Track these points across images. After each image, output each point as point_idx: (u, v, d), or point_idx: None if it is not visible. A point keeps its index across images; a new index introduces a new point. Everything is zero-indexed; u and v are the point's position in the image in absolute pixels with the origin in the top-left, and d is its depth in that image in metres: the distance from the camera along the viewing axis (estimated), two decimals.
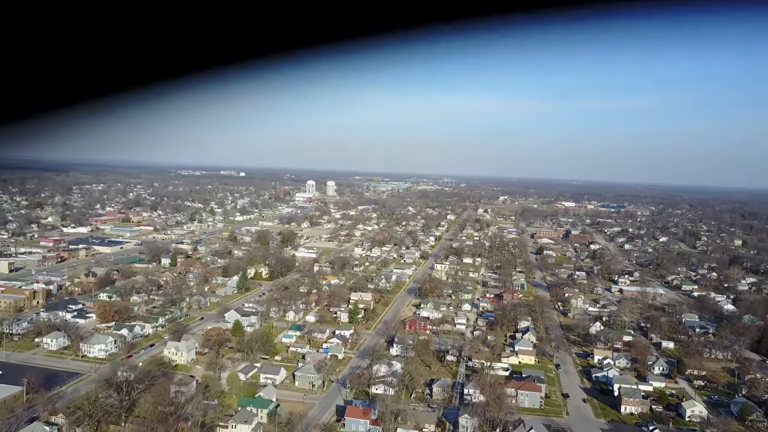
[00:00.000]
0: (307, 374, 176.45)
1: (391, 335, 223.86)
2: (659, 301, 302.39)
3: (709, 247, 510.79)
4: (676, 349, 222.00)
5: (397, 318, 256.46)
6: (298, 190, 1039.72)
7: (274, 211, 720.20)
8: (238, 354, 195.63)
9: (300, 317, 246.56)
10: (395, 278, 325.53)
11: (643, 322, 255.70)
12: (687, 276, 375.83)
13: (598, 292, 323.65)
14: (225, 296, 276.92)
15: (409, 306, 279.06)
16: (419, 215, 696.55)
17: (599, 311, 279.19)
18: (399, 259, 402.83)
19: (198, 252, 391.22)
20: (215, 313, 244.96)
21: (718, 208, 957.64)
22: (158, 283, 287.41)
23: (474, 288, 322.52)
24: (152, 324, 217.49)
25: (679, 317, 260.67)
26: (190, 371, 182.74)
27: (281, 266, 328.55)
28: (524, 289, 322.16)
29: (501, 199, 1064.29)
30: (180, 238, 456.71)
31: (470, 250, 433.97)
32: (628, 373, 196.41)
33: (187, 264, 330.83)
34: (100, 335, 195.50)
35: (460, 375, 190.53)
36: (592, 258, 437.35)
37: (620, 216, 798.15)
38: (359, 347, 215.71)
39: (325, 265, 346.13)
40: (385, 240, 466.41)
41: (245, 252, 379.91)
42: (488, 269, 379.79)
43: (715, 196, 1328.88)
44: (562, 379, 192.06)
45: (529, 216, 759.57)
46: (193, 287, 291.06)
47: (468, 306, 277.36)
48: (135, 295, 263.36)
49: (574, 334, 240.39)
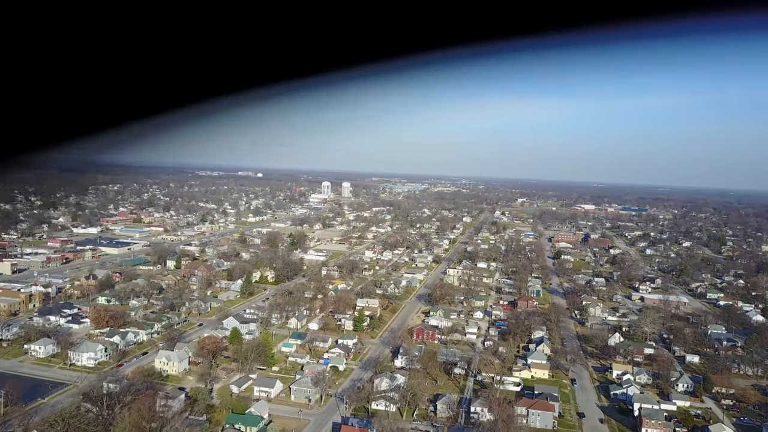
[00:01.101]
0: (303, 388, 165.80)
1: (396, 345, 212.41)
2: (683, 310, 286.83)
3: (735, 252, 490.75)
4: (702, 364, 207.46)
5: (405, 326, 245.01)
6: (313, 191, 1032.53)
7: (288, 213, 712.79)
8: (234, 364, 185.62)
9: (303, 324, 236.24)
10: (405, 283, 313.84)
11: (666, 333, 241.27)
12: (712, 283, 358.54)
13: (617, 299, 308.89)
14: (227, 301, 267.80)
15: (418, 313, 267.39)
16: (434, 217, 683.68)
17: (618, 321, 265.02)
18: (411, 263, 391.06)
19: (206, 254, 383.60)
20: (215, 319, 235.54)
21: (744, 212, 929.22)
22: (160, 286, 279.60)
23: (487, 294, 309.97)
24: (147, 330, 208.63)
25: (704, 328, 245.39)
26: (181, 382, 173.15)
27: (287, 270, 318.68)
28: (540, 295, 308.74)
29: (519, 202, 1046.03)
30: (189, 239, 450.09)
31: (485, 254, 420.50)
32: (649, 390, 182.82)
33: (191, 267, 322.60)
34: (89, 343, 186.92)
35: (468, 390, 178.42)
36: (611, 263, 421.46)
37: (642, 219, 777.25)
38: (362, 357, 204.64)
39: (333, 269, 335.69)
40: (398, 243, 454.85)
41: (253, 254, 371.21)
42: (503, 274, 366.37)
43: (740, 200, 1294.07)
44: (578, 396, 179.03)
45: (548, 219, 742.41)
46: (195, 291, 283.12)
47: (480, 314, 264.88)
48: (134, 299, 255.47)
49: (592, 346, 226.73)
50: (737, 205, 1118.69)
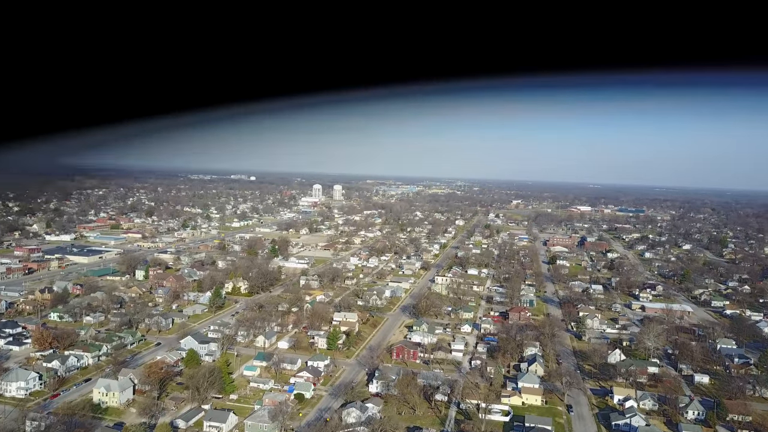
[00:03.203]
0: (259, 423, 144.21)
1: (374, 366, 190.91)
2: (687, 321, 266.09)
3: (737, 255, 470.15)
4: (713, 385, 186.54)
5: (386, 343, 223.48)
6: (305, 195, 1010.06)
7: (275, 217, 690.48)
8: (186, 392, 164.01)
9: (272, 343, 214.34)
10: (389, 294, 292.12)
11: (671, 348, 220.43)
12: (716, 289, 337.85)
13: (616, 309, 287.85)
14: (193, 316, 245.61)
15: (401, 327, 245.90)
16: (426, 221, 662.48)
17: (619, 333, 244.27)
18: (397, 271, 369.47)
19: (180, 262, 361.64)
20: (175, 337, 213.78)
21: (743, 212, 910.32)
22: (121, 299, 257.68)
23: (477, 304, 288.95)
24: (94, 353, 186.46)
25: (712, 342, 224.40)
26: (121, 416, 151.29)
27: (263, 280, 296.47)
28: (533, 305, 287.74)
29: (514, 203, 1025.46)
30: (167, 247, 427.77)
31: (477, 259, 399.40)
32: (655, 417, 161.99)
33: (159, 277, 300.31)
34: (20, 370, 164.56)
35: (449, 421, 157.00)
36: (609, 268, 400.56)
37: (639, 221, 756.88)
38: (334, 382, 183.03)
39: (313, 278, 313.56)
40: (385, 248, 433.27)
41: (230, 263, 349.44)
42: (495, 281, 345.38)
43: (737, 200, 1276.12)
44: (575, 427, 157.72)
45: (543, 221, 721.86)
46: (161, 304, 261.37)
47: (468, 327, 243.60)
48: (90, 315, 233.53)
49: (590, 364, 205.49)
50: (735, 205, 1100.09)
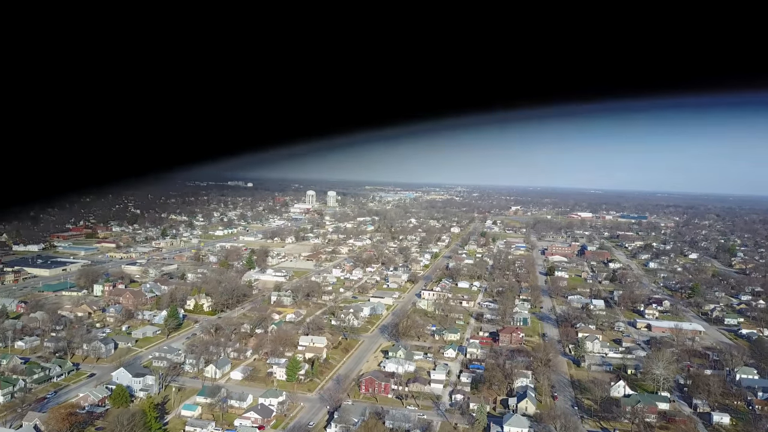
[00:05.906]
0: None
1: (337, 402, 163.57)
2: (700, 343, 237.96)
3: (748, 265, 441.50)
4: (734, 427, 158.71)
5: (356, 372, 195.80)
6: (299, 201, 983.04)
7: (263, 224, 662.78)
8: None
9: (224, 372, 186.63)
10: (367, 311, 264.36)
11: (683, 377, 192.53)
12: (728, 304, 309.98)
13: (620, 328, 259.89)
14: (143, 339, 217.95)
15: (376, 352, 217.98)
16: (420, 228, 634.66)
17: (623, 359, 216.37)
18: (382, 284, 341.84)
19: (148, 275, 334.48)
20: (114, 365, 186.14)
21: (748, 218, 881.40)
22: (66, 319, 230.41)
23: (466, 322, 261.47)
24: (5, 389, 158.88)
25: (731, 371, 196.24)
26: None
27: (228, 296, 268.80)
28: (527, 324, 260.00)
29: (513, 210, 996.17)
30: (138, 258, 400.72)
31: (469, 270, 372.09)
32: None
33: (115, 293, 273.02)
34: None
35: None
36: (611, 280, 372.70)
37: (642, 228, 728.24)
38: (287, 424, 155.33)
39: (285, 294, 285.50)
40: (372, 259, 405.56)
41: (200, 276, 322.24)
42: (487, 296, 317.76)
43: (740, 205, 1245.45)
44: None
45: (542, 228, 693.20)
46: (111, 325, 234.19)
47: (452, 351, 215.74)
48: (23, 338, 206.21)
49: (590, 398, 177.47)
50: (739, 210, 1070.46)
